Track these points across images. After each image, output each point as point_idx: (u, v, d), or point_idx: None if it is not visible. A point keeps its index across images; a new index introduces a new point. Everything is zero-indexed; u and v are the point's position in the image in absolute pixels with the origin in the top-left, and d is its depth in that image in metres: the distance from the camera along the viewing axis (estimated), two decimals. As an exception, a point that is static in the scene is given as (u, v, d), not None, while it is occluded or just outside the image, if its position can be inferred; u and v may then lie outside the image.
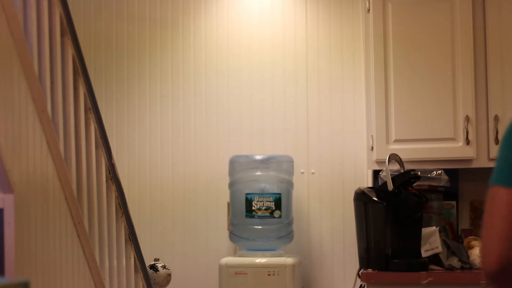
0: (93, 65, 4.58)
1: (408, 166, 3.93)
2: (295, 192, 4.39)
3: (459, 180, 4.28)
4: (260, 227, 4.26)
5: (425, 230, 3.86)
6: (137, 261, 3.51)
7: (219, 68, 4.61)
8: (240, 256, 4.24)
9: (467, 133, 3.96)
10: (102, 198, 3.24)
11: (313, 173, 4.51)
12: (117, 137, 4.63)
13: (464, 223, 4.30)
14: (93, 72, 4.43)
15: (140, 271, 3.52)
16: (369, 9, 4.13)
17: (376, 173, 4.16)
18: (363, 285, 3.85)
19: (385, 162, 3.80)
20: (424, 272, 3.74)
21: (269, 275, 4.08)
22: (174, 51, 4.65)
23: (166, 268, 3.68)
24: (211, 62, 4.62)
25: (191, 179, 4.59)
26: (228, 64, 4.61)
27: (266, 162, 4.33)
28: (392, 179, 3.76)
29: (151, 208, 4.61)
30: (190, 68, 4.63)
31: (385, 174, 3.82)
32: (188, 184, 4.59)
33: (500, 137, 3.95)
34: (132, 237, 3.47)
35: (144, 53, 4.69)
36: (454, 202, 4.26)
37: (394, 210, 3.79)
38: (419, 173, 3.88)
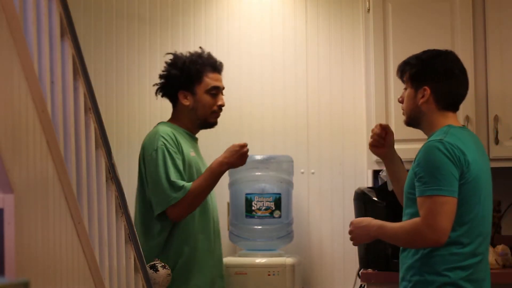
0: (93, 65, 4.57)
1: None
2: (295, 192, 4.39)
3: (459, 180, 4.27)
4: (260, 227, 4.26)
5: (425, 230, 3.85)
6: (137, 261, 3.50)
7: (219, 68, 4.61)
8: (240, 256, 4.24)
9: (467, 133, 3.95)
10: (102, 198, 3.23)
11: (313, 173, 4.50)
12: (117, 136, 4.63)
13: (464, 223, 4.30)
14: (93, 72, 4.43)
15: (140, 271, 3.51)
16: (369, 9, 4.13)
17: (376, 173, 4.16)
18: (363, 285, 3.84)
19: (385, 162, 3.80)
20: (424, 272, 3.73)
21: (269, 275, 4.08)
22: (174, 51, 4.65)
23: (166, 268, 3.67)
24: (211, 62, 4.61)
25: (191, 179, 4.58)
26: (228, 64, 4.60)
27: (266, 162, 4.32)
28: (392, 179, 3.75)
29: (151, 208, 4.60)
30: (190, 68, 4.62)
31: (385, 174, 3.82)
32: (188, 184, 4.58)
33: (500, 137, 3.95)
34: (132, 237, 3.47)
35: (144, 53, 4.69)
36: (454, 202, 4.25)
37: (394, 210, 3.78)
38: (419, 173, 3.87)
